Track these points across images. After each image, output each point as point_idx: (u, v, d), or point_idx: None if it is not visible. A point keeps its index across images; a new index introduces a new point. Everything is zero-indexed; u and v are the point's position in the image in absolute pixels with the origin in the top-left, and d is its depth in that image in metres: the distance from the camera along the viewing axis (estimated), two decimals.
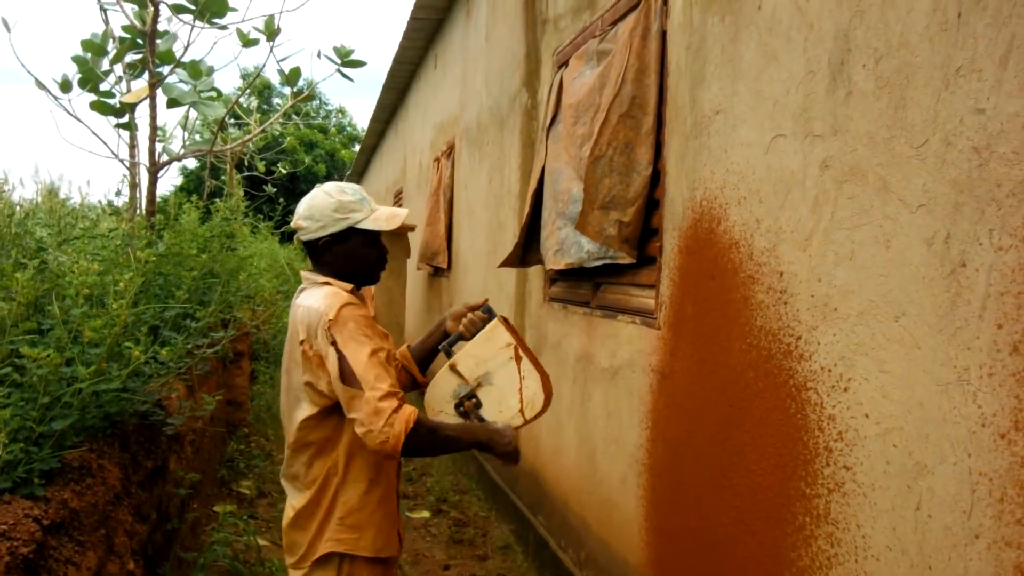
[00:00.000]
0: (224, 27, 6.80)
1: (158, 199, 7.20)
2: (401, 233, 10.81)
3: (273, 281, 11.86)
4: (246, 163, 13.80)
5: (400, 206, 15.52)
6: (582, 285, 5.16)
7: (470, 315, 3.28)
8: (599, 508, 4.74)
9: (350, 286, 3.03)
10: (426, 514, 7.33)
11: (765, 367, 3.01)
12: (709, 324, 3.42)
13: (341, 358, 2.77)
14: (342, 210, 2.99)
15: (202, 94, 6.95)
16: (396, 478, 3.18)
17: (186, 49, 6.79)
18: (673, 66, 3.87)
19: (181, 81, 6.98)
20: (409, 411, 2.77)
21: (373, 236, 3.10)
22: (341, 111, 47.60)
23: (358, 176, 27.19)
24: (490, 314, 3.26)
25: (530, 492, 6.33)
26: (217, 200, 9.62)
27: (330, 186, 3.06)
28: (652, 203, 4.11)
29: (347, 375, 2.76)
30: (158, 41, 6.64)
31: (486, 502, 7.68)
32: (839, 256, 2.60)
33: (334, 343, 2.79)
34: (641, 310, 4.21)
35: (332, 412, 2.92)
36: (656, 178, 4.06)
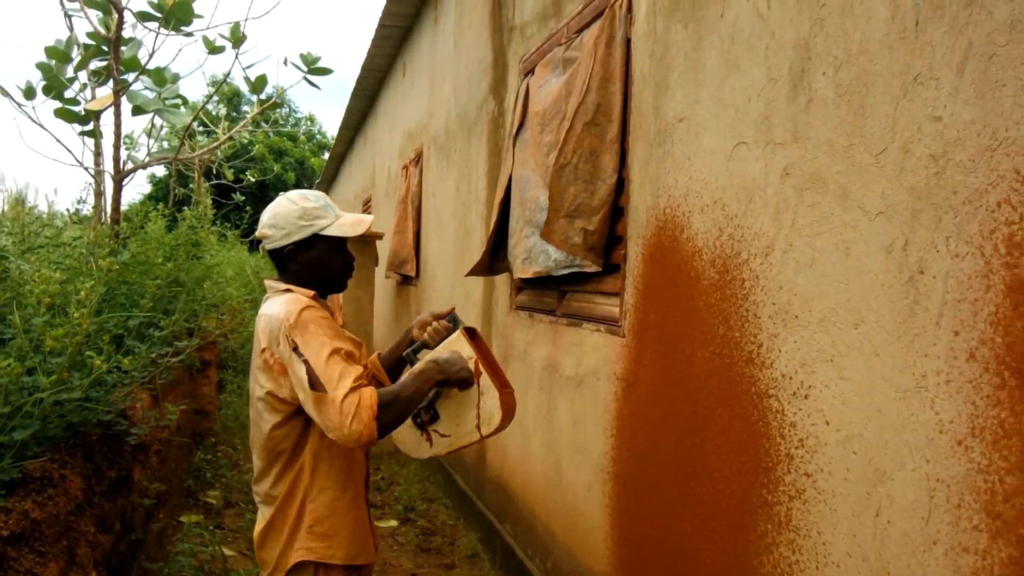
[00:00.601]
0: (190, 34, 6.77)
1: (126, 207, 7.15)
2: (369, 241, 10.77)
3: (241, 290, 11.81)
4: (214, 171, 13.74)
5: (369, 214, 15.46)
6: (548, 293, 5.15)
7: (435, 324, 3.24)
8: (565, 516, 4.74)
9: (312, 292, 3.00)
10: (394, 523, 7.30)
11: (728, 375, 3.01)
12: (672, 332, 3.42)
13: (305, 362, 2.73)
14: (306, 217, 2.96)
15: (167, 101, 6.92)
16: (365, 483, 3.16)
17: (151, 56, 6.75)
18: (637, 74, 3.88)
19: (146, 88, 6.94)
20: (369, 395, 2.73)
21: (338, 243, 3.07)
22: (311, 119, 47.54)
23: (328, 184, 27.12)
24: (455, 323, 3.20)
25: (497, 500, 6.31)
26: (185, 208, 9.57)
27: (294, 193, 3.04)
28: (617, 211, 4.11)
29: (312, 378, 2.72)
30: (123, 48, 6.60)
31: (454, 510, 7.66)
32: (800, 263, 2.61)
33: (296, 348, 2.76)
34: (606, 318, 4.20)
35: (296, 420, 2.89)
36: (621, 186, 4.06)
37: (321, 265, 3.04)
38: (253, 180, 18.40)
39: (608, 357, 4.10)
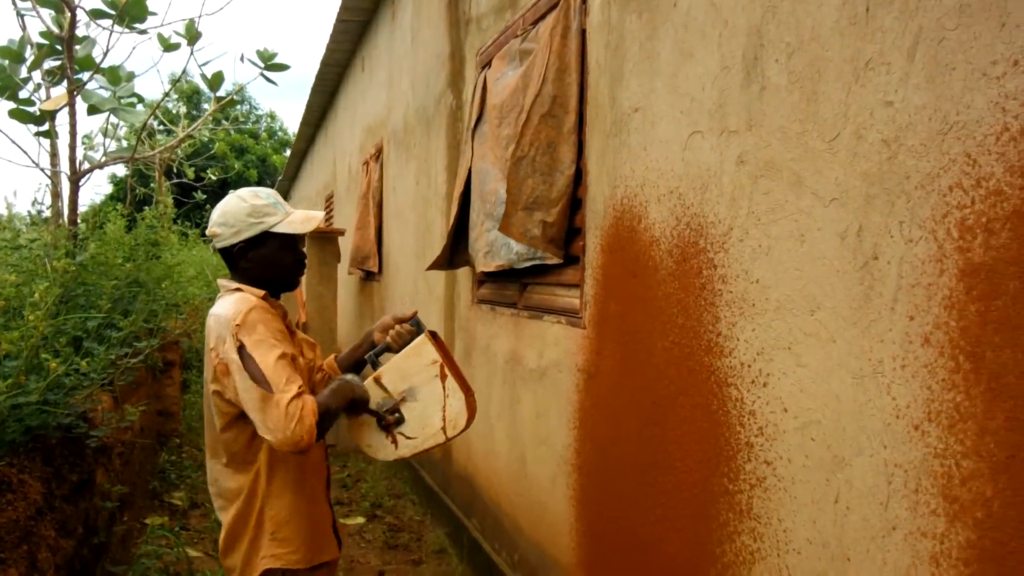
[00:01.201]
0: (144, 31, 6.70)
1: (88, 208, 7.09)
2: (331, 238, 10.72)
3: (203, 289, 11.73)
4: (175, 170, 13.62)
5: (331, 210, 15.43)
6: (509, 286, 5.14)
7: (398, 327, 3.22)
8: (530, 509, 4.73)
9: (262, 292, 2.98)
10: (360, 520, 7.26)
11: (687, 364, 3.01)
12: (632, 322, 3.42)
13: (250, 362, 2.72)
14: (256, 214, 2.94)
15: (122, 100, 6.84)
16: (325, 480, 3.16)
17: (105, 55, 6.69)
18: (593, 64, 3.86)
19: (101, 87, 6.86)
20: (312, 403, 2.73)
21: (289, 240, 3.04)
22: (271, 115, 47.23)
23: (290, 181, 26.95)
24: (418, 327, 3.19)
25: (463, 495, 6.30)
26: (146, 208, 9.49)
27: (244, 191, 3.02)
28: (576, 202, 4.10)
29: (257, 376, 2.70)
30: (77, 47, 6.53)
31: (421, 506, 7.64)
32: (756, 251, 2.60)
33: (242, 347, 2.74)
34: (566, 310, 4.20)
35: (242, 422, 2.87)
36: (579, 177, 4.04)
37: (272, 262, 3.01)
38: (215, 178, 18.28)
39: (569, 349, 4.09)
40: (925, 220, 1.98)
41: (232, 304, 2.85)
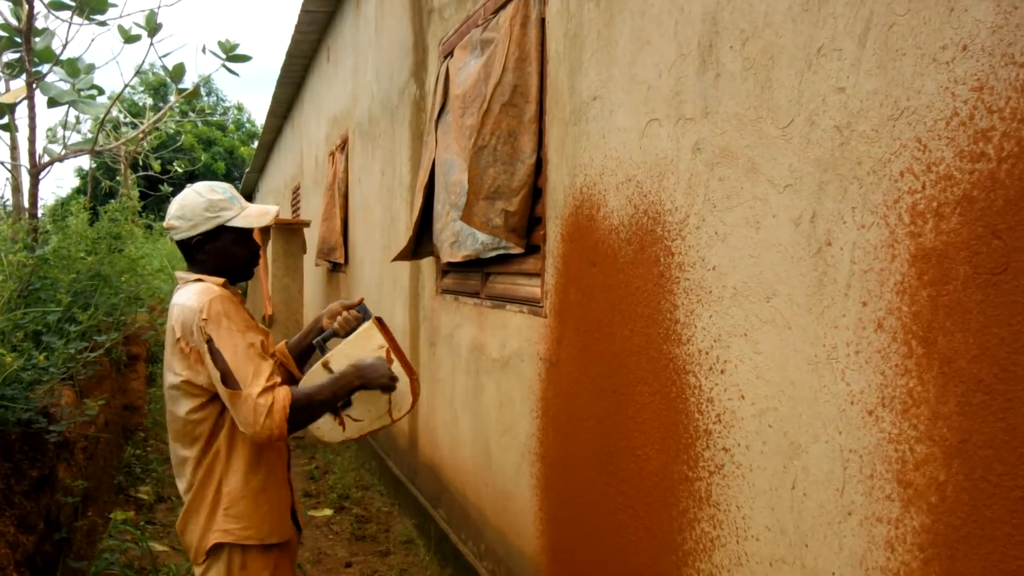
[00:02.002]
0: (104, 23, 6.64)
1: (52, 201, 7.03)
2: (296, 229, 10.68)
3: (169, 282, 11.63)
4: (140, 162, 13.51)
5: (298, 202, 15.37)
6: (472, 276, 5.13)
7: (344, 313, 3.33)
8: (495, 499, 4.72)
9: (222, 280, 3.06)
10: (328, 512, 7.25)
11: (647, 352, 3.00)
12: (593, 311, 3.41)
13: (218, 356, 2.80)
14: (212, 209, 3.02)
15: (82, 92, 6.77)
16: (285, 461, 3.22)
17: (65, 47, 6.64)
18: (552, 53, 3.85)
19: (61, 80, 6.79)
20: (283, 395, 2.81)
21: (244, 234, 3.13)
22: (239, 107, 46.98)
23: (258, 173, 26.82)
24: (365, 313, 3.30)
25: (430, 485, 6.29)
26: (112, 201, 9.41)
27: (200, 186, 3.10)
28: (537, 192, 4.09)
29: (225, 375, 2.79)
30: (35, 39, 6.45)
31: (388, 497, 7.63)
32: (712, 238, 2.60)
33: (210, 340, 2.82)
34: (528, 299, 4.19)
35: (212, 405, 2.94)
36: (540, 166, 4.03)
37: (228, 255, 3.10)
38: (181, 171, 18.16)
39: (531, 338, 4.08)
40: (877, 206, 1.98)
41: (196, 295, 2.91)
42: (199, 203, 3.02)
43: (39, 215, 6.73)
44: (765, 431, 2.38)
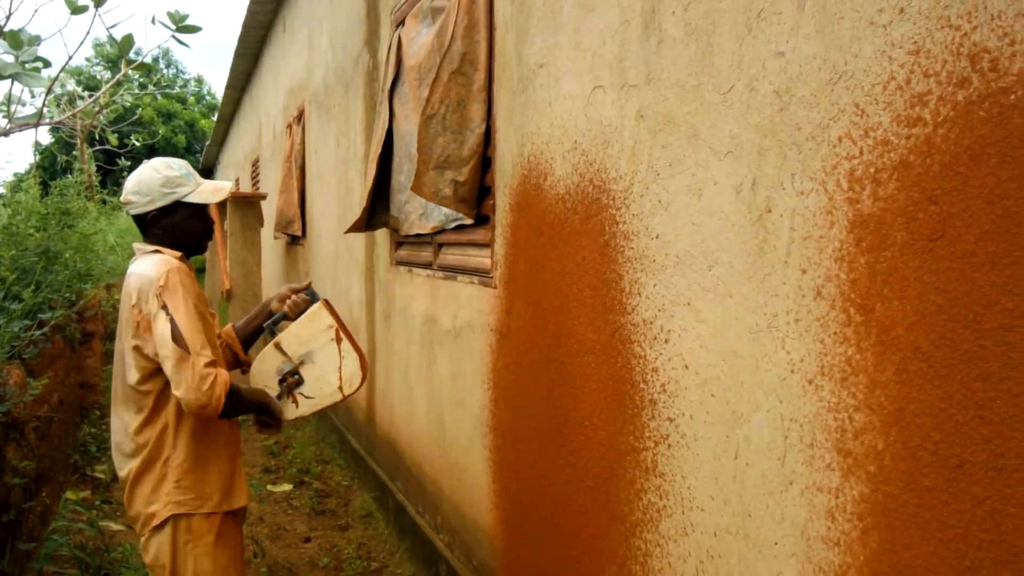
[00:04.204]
0: None
1: (14, 177, 6.90)
2: (253, 202, 10.55)
3: (124, 259, 11.49)
4: (97, 137, 13.31)
5: (257, 175, 15.22)
6: (425, 248, 5.09)
7: (294, 297, 3.45)
8: (451, 471, 4.70)
9: (179, 253, 3.16)
10: (287, 487, 7.21)
11: (593, 323, 2.98)
12: (541, 281, 3.38)
13: (172, 322, 2.90)
14: (169, 184, 3.13)
15: (27, 65, 6.61)
16: (236, 431, 3.35)
17: (8, 18, 6.47)
18: (500, 20, 3.80)
19: (5, 52, 6.63)
20: (225, 376, 2.97)
21: (199, 209, 3.24)
22: (199, 80, 46.54)
23: (218, 146, 26.58)
24: (313, 296, 3.43)
25: (388, 459, 6.26)
26: (68, 176, 9.27)
27: (157, 162, 3.19)
28: (487, 161, 4.05)
29: (176, 336, 2.89)
30: None
31: (348, 471, 7.60)
32: (655, 206, 2.57)
33: (164, 307, 2.92)
34: (479, 270, 4.16)
35: (159, 376, 3.02)
36: (490, 135, 3.99)
37: (183, 230, 3.20)
38: (140, 144, 17.94)
39: (482, 309, 4.05)
40: (816, 172, 1.96)
41: (154, 265, 3.01)
42: (155, 179, 3.12)
43: None
44: (708, 401, 2.36)
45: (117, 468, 3.15)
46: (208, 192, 3.20)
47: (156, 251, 3.12)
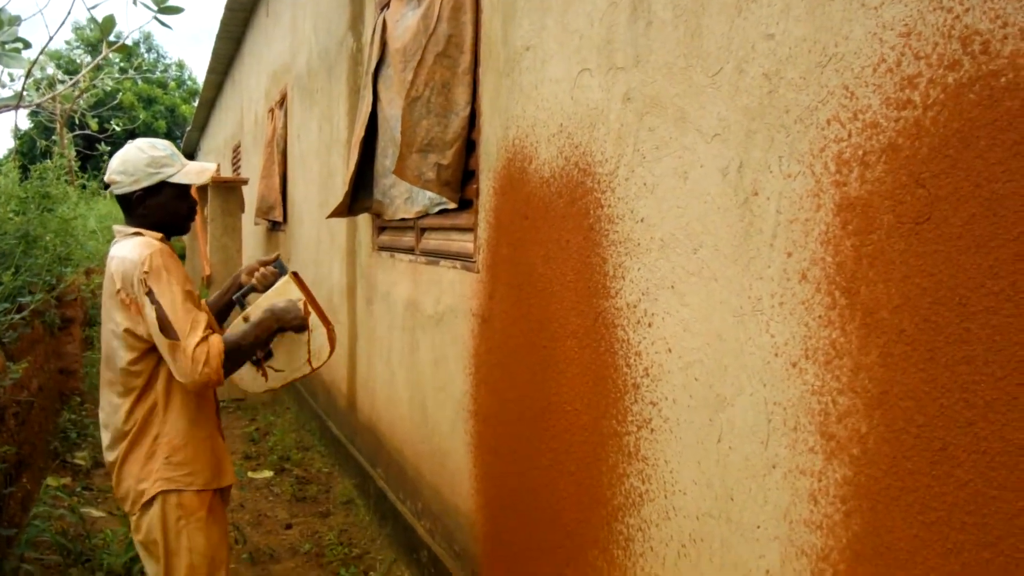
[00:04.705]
0: None
1: None
2: (234, 187, 10.48)
3: (104, 244, 11.40)
4: (77, 121, 13.23)
5: (239, 160, 15.15)
6: (407, 233, 5.07)
7: (262, 270, 3.51)
8: (432, 457, 4.69)
9: (160, 235, 3.18)
10: (268, 473, 7.19)
11: (577, 307, 2.97)
12: (524, 266, 3.37)
13: (158, 308, 2.92)
14: (154, 165, 3.13)
15: (7, 45, 6.56)
16: (215, 410, 3.33)
17: None
18: (486, 2, 3.78)
19: None
20: (216, 342, 2.97)
21: (183, 190, 3.25)
22: (180, 64, 46.36)
23: (199, 131, 26.45)
24: (281, 269, 3.48)
25: (369, 445, 6.25)
26: (47, 160, 9.20)
27: (142, 142, 3.20)
28: (471, 144, 4.03)
29: (164, 325, 2.92)
30: None
31: (329, 458, 7.58)
32: (641, 189, 2.56)
33: (150, 293, 2.93)
34: (461, 254, 4.14)
35: (152, 355, 3.04)
36: (474, 119, 3.97)
37: (167, 210, 3.21)
38: (120, 129, 17.82)
39: (464, 294, 4.04)
40: (803, 154, 1.95)
41: (136, 248, 3.01)
42: (141, 159, 3.12)
43: None
44: (692, 384, 2.36)
45: (105, 449, 3.16)
46: (193, 173, 3.22)
47: (137, 233, 3.13)
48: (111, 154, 12.01)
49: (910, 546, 1.69)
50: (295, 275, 3.40)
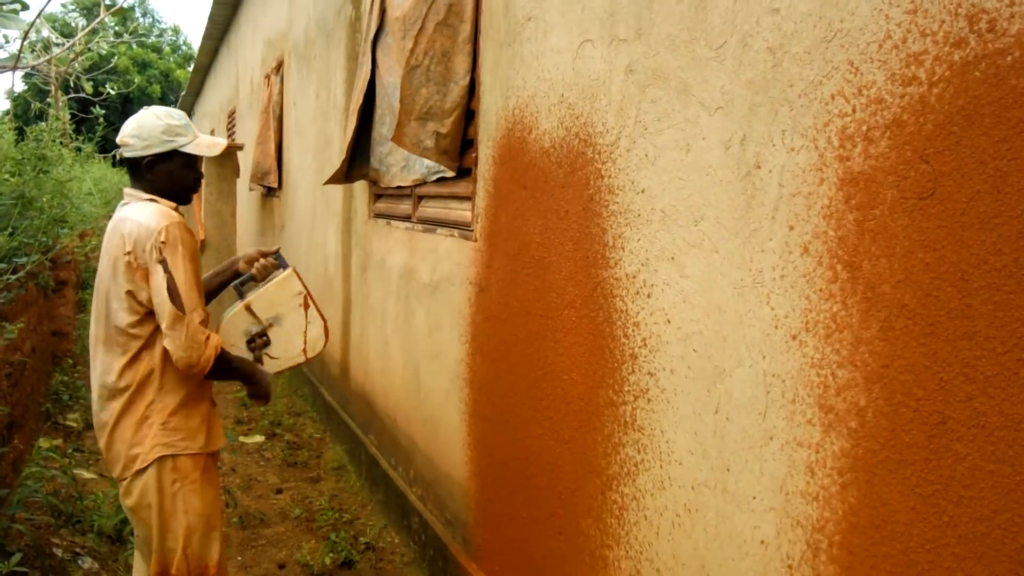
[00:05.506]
0: None
1: None
2: (229, 152, 10.45)
3: (103, 207, 11.38)
4: (72, 84, 13.14)
5: (233, 126, 15.09)
6: (404, 200, 5.07)
7: (263, 260, 3.59)
8: (425, 425, 4.71)
9: (174, 204, 3.24)
10: (259, 438, 7.21)
11: (575, 277, 2.98)
12: (522, 235, 3.38)
13: (170, 278, 2.99)
14: (169, 132, 3.18)
15: (4, 7, 6.52)
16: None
17: None
18: None
19: None
20: (217, 339, 3.12)
21: (192, 160, 3.29)
22: (175, 29, 46.12)
23: (194, 96, 26.29)
24: (282, 262, 3.61)
25: (362, 412, 6.27)
26: (42, 123, 9.14)
27: (158, 109, 3.24)
28: (470, 114, 4.02)
29: (173, 294, 2.99)
30: None
31: (320, 423, 7.60)
32: (642, 161, 2.57)
33: (163, 262, 2.99)
34: (459, 223, 4.15)
35: (150, 317, 3.08)
36: (474, 88, 3.97)
37: (176, 178, 3.26)
38: (114, 93, 17.72)
39: (461, 262, 4.05)
40: (807, 129, 1.96)
41: (153, 215, 3.06)
42: (157, 125, 3.16)
43: None
44: (690, 355, 2.37)
45: (96, 410, 3.18)
46: (205, 145, 3.28)
47: (152, 199, 3.17)
48: (105, 117, 11.96)
49: (907, 518, 1.71)
50: (295, 271, 3.57)
